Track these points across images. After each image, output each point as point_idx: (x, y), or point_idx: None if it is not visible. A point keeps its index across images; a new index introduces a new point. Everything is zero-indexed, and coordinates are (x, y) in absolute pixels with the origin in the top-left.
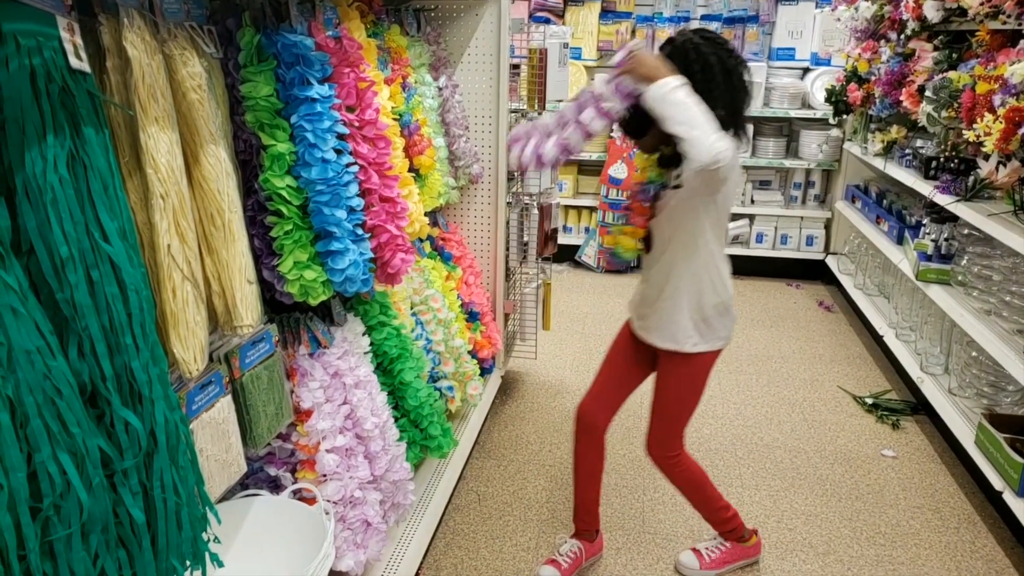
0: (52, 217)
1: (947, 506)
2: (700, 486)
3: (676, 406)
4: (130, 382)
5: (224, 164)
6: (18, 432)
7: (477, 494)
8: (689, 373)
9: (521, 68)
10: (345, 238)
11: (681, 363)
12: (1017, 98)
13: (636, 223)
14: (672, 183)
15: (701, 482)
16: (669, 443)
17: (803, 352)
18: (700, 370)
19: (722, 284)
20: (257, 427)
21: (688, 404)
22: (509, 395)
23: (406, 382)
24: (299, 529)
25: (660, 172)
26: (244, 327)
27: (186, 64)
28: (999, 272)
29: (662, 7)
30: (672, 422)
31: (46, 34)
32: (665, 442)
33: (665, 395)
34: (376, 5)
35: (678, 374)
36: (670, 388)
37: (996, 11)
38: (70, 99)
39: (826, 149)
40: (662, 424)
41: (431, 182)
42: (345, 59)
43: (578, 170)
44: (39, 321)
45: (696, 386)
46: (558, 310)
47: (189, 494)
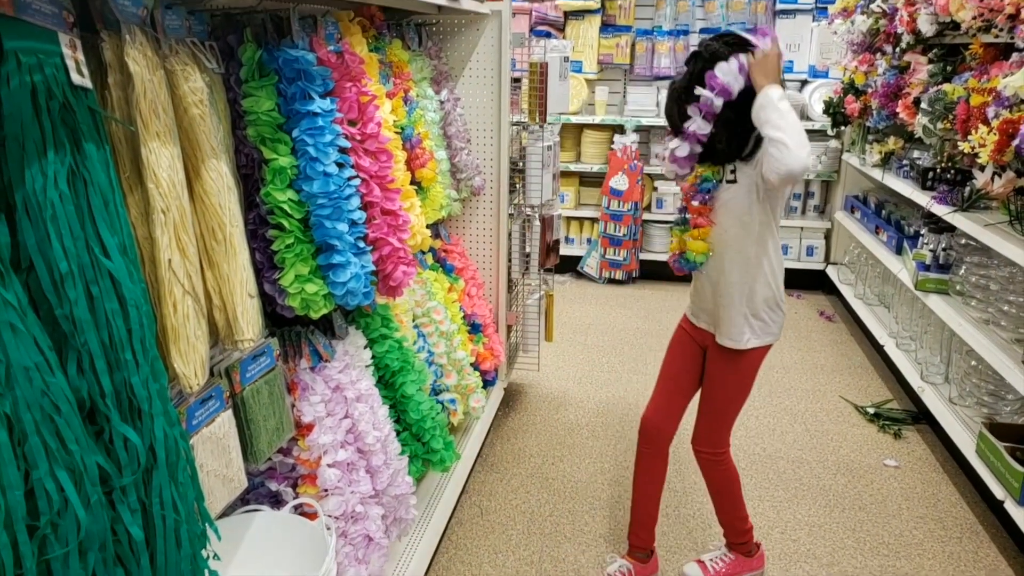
0: (52, 233)
1: (950, 516)
2: (733, 490)
3: (725, 402)
4: (129, 398)
5: (225, 178)
6: (16, 449)
7: (480, 508)
8: (739, 368)
9: (522, 81)
10: (347, 251)
11: (732, 358)
12: (1010, 110)
13: (701, 224)
14: (727, 178)
15: (735, 486)
16: (717, 439)
17: (804, 362)
18: (750, 366)
19: (775, 279)
20: (258, 442)
21: (737, 400)
22: (512, 407)
23: (408, 395)
24: (300, 545)
25: (715, 169)
26: (245, 341)
27: (188, 79)
28: (996, 282)
29: (661, 21)
30: (721, 417)
31: (48, 51)
32: (713, 438)
33: (714, 390)
34: (377, 20)
35: (728, 369)
36: (719, 383)
37: (988, 25)
38: (71, 115)
39: (825, 160)
40: (711, 420)
41: (433, 194)
42: (347, 73)
43: (580, 181)
44: (38, 337)
45: (746, 382)
46: (560, 321)
47: (189, 511)
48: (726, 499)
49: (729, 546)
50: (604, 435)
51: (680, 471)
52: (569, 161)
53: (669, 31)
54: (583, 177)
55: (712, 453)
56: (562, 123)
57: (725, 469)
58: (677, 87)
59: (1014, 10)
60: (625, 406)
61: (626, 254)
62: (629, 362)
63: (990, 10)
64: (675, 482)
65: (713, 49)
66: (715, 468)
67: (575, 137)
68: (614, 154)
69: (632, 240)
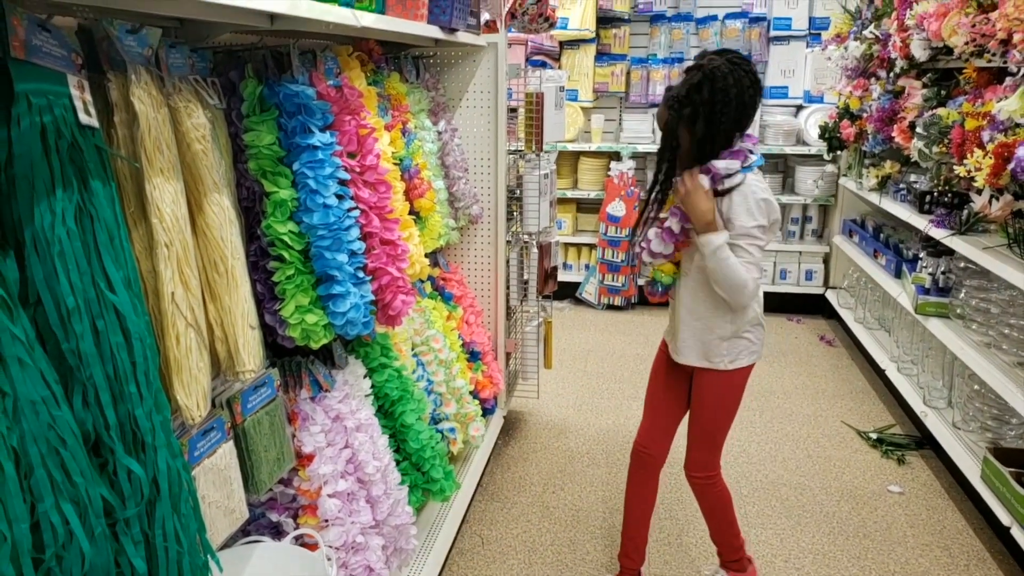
0: (59, 269)
1: (956, 543)
2: (726, 509)
3: (712, 424)
4: (133, 430)
5: (227, 212)
6: (22, 482)
7: (480, 537)
8: (724, 390)
9: (519, 111)
10: (346, 281)
11: (715, 380)
12: (1005, 134)
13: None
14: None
15: (728, 506)
16: (709, 463)
17: (805, 387)
18: (735, 386)
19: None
20: (259, 472)
21: (726, 421)
22: (512, 436)
23: (407, 424)
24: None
25: None
26: (246, 372)
27: (190, 116)
28: (997, 305)
29: (656, 49)
30: (711, 441)
31: (57, 92)
32: (705, 462)
33: (701, 414)
34: (376, 54)
35: (713, 392)
36: (706, 406)
37: (981, 50)
38: (79, 154)
39: (822, 184)
40: (701, 443)
41: (431, 224)
42: (346, 107)
43: (577, 208)
44: (45, 371)
45: (731, 402)
46: (560, 348)
47: (191, 542)
48: (721, 519)
49: (724, 565)
50: (605, 463)
51: (681, 499)
52: (566, 188)
53: (664, 59)
54: (580, 204)
55: (705, 477)
56: (559, 151)
57: (718, 491)
58: (674, 95)
59: (1006, 35)
60: (625, 433)
61: (624, 280)
62: (629, 388)
63: (982, 35)
64: (676, 510)
65: (715, 65)
66: (709, 491)
67: (572, 164)
68: (611, 181)
69: (630, 266)
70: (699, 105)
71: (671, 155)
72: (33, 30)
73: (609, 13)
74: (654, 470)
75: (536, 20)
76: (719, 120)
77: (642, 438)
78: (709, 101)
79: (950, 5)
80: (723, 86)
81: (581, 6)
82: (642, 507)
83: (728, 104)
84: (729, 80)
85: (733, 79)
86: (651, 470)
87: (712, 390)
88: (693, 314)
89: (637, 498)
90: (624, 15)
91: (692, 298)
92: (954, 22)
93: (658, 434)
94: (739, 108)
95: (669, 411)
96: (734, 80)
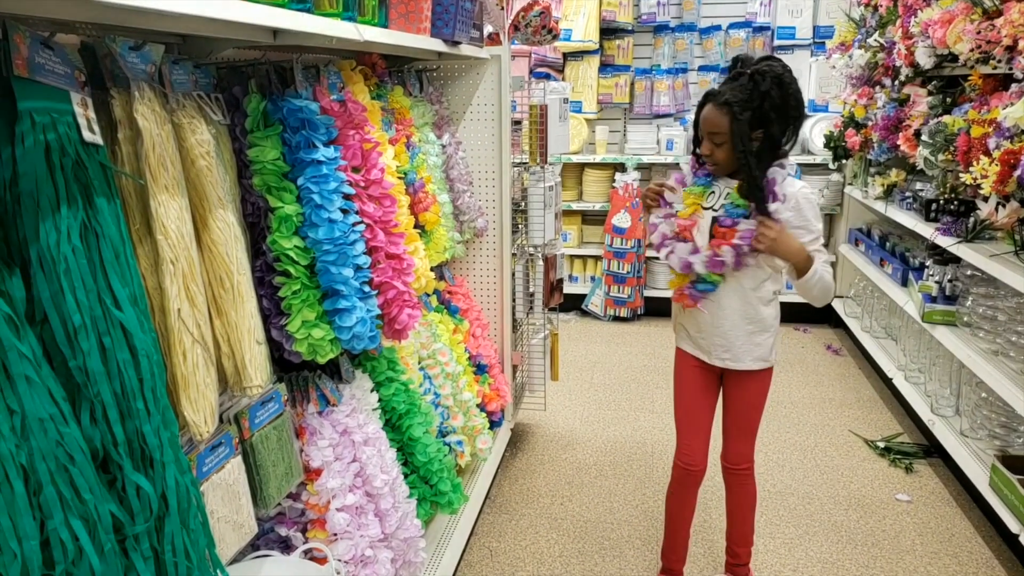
0: (65, 286)
1: (964, 551)
2: (753, 508)
3: (757, 418)
4: (142, 447)
5: (232, 228)
6: (32, 499)
7: (489, 550)
8: (766, 385)
9: (523, 123)
10: (352, 296)
11: (761, 378)
12: (1011, 141)
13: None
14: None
15: (755, 505)
16: (747, 454)
17: (813, 396)
18: (770, 378)
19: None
20: (267, 487)
21: (761, 413)
22: (519, 448)
23: (415, 438)
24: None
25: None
26: (253, 387)
27: (194, 132)
28: (1004, 312)
29: (660, 60)
30: (754, 433)
31: (60, 110)
32: (748, 454)
33: (748, 412)
34: (379, 68)
35: (758, 389)
36: (752, 404)
37: (987, 56)
38: (83, 171)
39: (827, 194)
40: (746, 438)
41: (437, 237)
42: (350, 121)
43: (582, 220)
44: (52, 389)
45: (767, 394)
46: (566, 360)
47: (200, 557)
48: (747, 516)
49: (730, 571)
50: (612, 474)
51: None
52: (571, 200)
53: (667, 70)
54: (585, 215)
55: (747, 468)
56: (563, 163)
57: (753, 482)
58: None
59: (1011, 41)
60: (633, 444)
61: (630, 291)
62: (636, 400)
63: (987, 42)
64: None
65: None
66: (749, 481)
67: (576, 176)
68: (616, 192)
69: (636, 277)
70: (770, 109)
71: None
72: (36, 48)
73: (612, 24)
74: (698, 482)
75: (539, 32)
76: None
77: (689, 456)
78: (781, 105)
79: (955, 12)
80: (793, 90)
81: (584, 18)
82: (687, 516)
83: (800, 106)
84: (794, 86)
85: (792, 80)
86: (696, 482)
87: (761, 387)
88: (746, 318)
89: (685, 509)
90: (627, 26)
91: (743, 303)
92: (959, 29)
93: (702, 448)
94: (800, 112)
95: (708, 421)
96: (796, 84)
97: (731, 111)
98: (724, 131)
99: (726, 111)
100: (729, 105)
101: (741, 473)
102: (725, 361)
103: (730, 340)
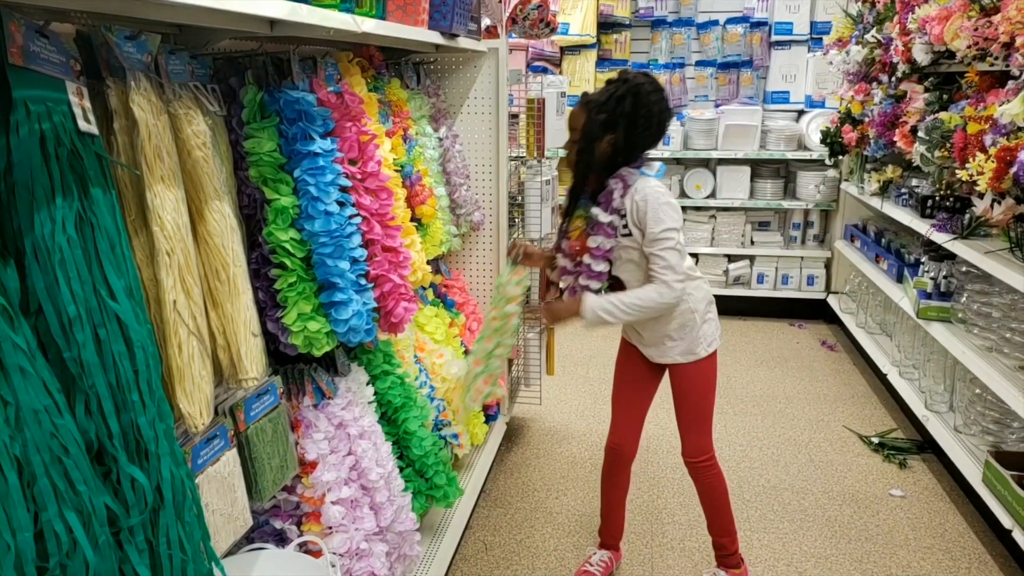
0: (60, 277)
1: (957, 546)
2: (724, 495)
3: (703, 409)
4: (136, 439)
5: (228, 219)
6: (25, 491)
7: (484, 543)
8: (706, 374)
9: (520, 117)
10: (348, 289)
11: (699, 368)
12: (1007, 138)
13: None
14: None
15: (725, 490)
16: (705, 445)
17: (807, 392)
18: (713, 367)
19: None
20: (262, 480)
21: (711, 403)
22: (514, 442)
23: (411, 431)
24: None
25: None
26: (249, 380)
27: (191, 123)
28: (999, 309)
29: (657, 54)
30: (703, 423)
31: (55, 99)
32: (702, 446)
33: (691, 402)
34: (376, 60)
35: (699, 380)
36: (695, 394)
37: (983, 53)
38: (78, 161)
39: (823, 190)
40: (696, 429)
41: (433, 231)
42: (347, 113)
43: None
44: (47, 380)
45: (713, 384)
46: (562, 354)
47: (195, 550)
48: (720, 504)
49: (720, 563)
50: None
51: (685, 503)
52: None
53: (665, 64)
54: None
55: (704, 460)
56: (560, 157)
57: (716, 472)
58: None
59: (1008, 38)
60: None
61: None
62: None
63: (984, 39)
64: (679, 514)
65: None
66: (707, 473)
67: None
68: None
69: None
70: (619, 116)
71: (588, 159)
72: (31, 36)
73: (610, 18)
74: (628, 463)
75: (537, 25)
76: (639, 133)
77: (617, 437)
78: (631, 114)
79: (952, 9)
80: (646, 102)
81: (582, 11)
82: (619, 495)
83: (649, 120)
84: (652, 98)
85: (655, 98)
86: (625, 464)
87: (698, 378)
88: (654, 325)
89: (616, 489)
90: (625, 20)
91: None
92: (956, 26)
93: (630, 432)
94: (658, 127)
95: (641, 408)
96: (656, 99)
97: (587, 109)
98: (578, 128)
99: (583, 109)
100: (587, 104)
101: (702, 465)
102: (654, 357)
103: (658, 337)
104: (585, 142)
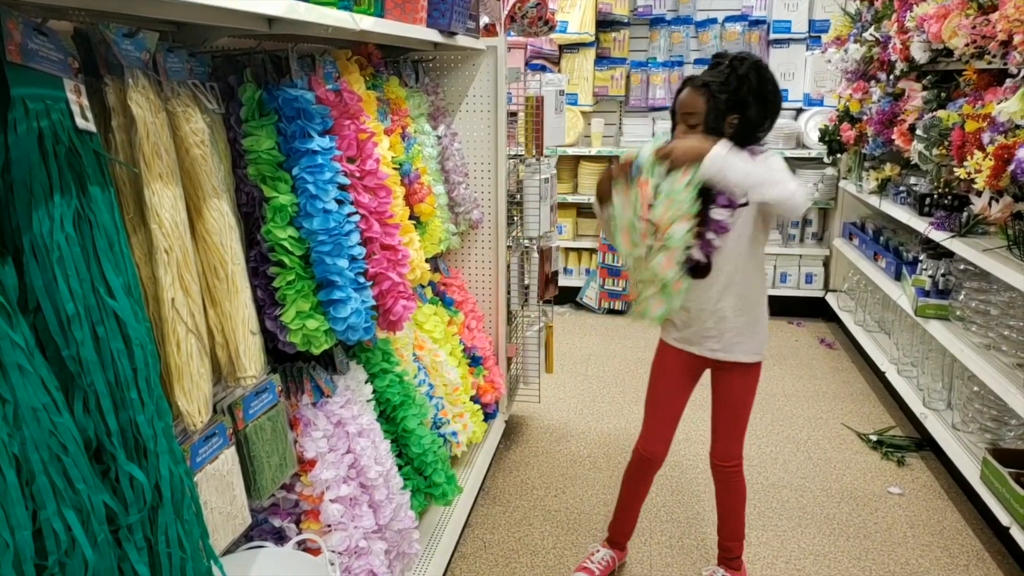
0: (59, 275)
1: (955, 543)
2: (743, 504)
3: (746, 415)
4: (135, 436)
5: (227, 217)
6: (24, 489)
7: (483, 541)
8: (755, 379)
9: (518, 115)
10: (347, 287)
11: (752, 371)
12: (1005, 135)
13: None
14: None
15: (744, 500)
16: (738, 452)
17: (806, 390)
18: (759, 374)
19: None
20: (261, 478)
21: (750, 410)
22: (513, 440)
23: (409, 429)
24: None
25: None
26: (247, 378)
27: (189, 121)
28: (996, 307)
29: (656, 52)
30: (743, 429)
31: (54, 97)
32: (738, 452)
33: (738, 407)
34: (375, 58)
35: (748, 384)
36: (742, 399)
37: (981, 51)
38: (77, 159)
39: (822, 188)
40: (736, 435)
41: (432, 229)
42: (345, 111)
43: (577, 212)
44: (45, 378)
45: (755, 391)
46: (560, 353)
47: (194, 548)
48: (738, 512)
49: (722, 563)
50: (606, 466)
51: (683, 502)
52: (566, 192)
53: (663, 62)
54: (580, 208)
55: (736, 466)
56: (559, 155)
57: (741, 479)
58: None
59: (1006, 36)
60: (627, 437)
61: (625, 284)
62: (630, 392)
63: (982, 37)
64: (677, 512)
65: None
66: (734, 479)
67: (572, 169)
68: None
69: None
70: (748, 94)
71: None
72: (29, 34)
73: (608, 16)
74: (656, 470)
75: (535, 24)
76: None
77: (652, 444)
78: (759, 90)
79: (950, 7)
80: (770, 78)
81: (580, 10)
82: (640, 499)
83: (777, 95)
84: (771, 74)
85: (771, 74)
86: (654, 471)
87: (751, 382)
88: (738, 311)
89: (638, 493)
90: (624, 18)
91: (737, 296)
92: (954, 24)
93: (665, 440)
94: (777, 100)
95: (677, 416)
96: (772, 75)
97: (708, 91)
98: (699, 112)
99: (703, 92)
100: (707, 86)
101: (731, 470)
102: (715, 352)
103: (723, 332)
104: (713, 123)
